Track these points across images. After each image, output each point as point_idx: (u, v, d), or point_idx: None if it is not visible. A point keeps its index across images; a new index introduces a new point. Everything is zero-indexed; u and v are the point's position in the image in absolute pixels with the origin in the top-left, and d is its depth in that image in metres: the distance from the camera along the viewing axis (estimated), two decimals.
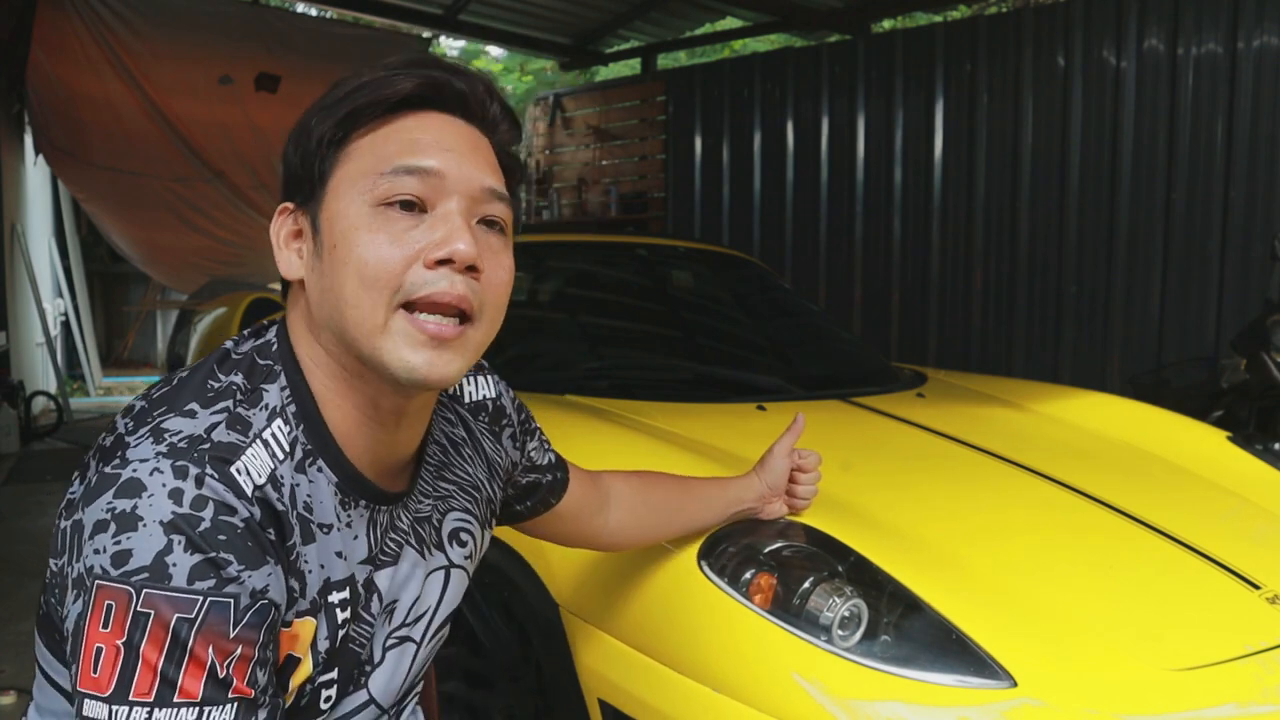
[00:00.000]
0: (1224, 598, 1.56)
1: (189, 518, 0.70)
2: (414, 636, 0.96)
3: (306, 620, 0.81)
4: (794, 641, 1.30)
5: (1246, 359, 3.92)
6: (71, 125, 6.26)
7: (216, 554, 0.70)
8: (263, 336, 0.86)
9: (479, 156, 0.83)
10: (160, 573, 0.68)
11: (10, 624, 2.98)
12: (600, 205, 7.19)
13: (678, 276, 3.12)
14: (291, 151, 0.84)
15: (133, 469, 0.71)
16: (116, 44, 6.25)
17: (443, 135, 0.82)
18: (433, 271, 0.78)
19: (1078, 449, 2.18)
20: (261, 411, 0.79)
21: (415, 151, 0.80)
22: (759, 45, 9.08)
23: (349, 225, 0.78)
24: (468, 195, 0.80)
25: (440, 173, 0.79)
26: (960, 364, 5.36)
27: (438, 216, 0.79)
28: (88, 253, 8.79)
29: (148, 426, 0.75)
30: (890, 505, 1.67)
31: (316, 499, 0.82)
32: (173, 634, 0.68)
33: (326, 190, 0.81)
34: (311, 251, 0.82)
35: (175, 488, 0.70)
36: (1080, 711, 1.26)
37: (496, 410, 1.07)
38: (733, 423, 2.06)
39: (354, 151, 0.81)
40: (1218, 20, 4.63)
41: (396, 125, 0.81)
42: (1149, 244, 4.88)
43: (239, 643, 0.71)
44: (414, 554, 0.94)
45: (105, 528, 0.69)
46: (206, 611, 0.69)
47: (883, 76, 5.66)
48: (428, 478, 0.96)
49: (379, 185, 0.78)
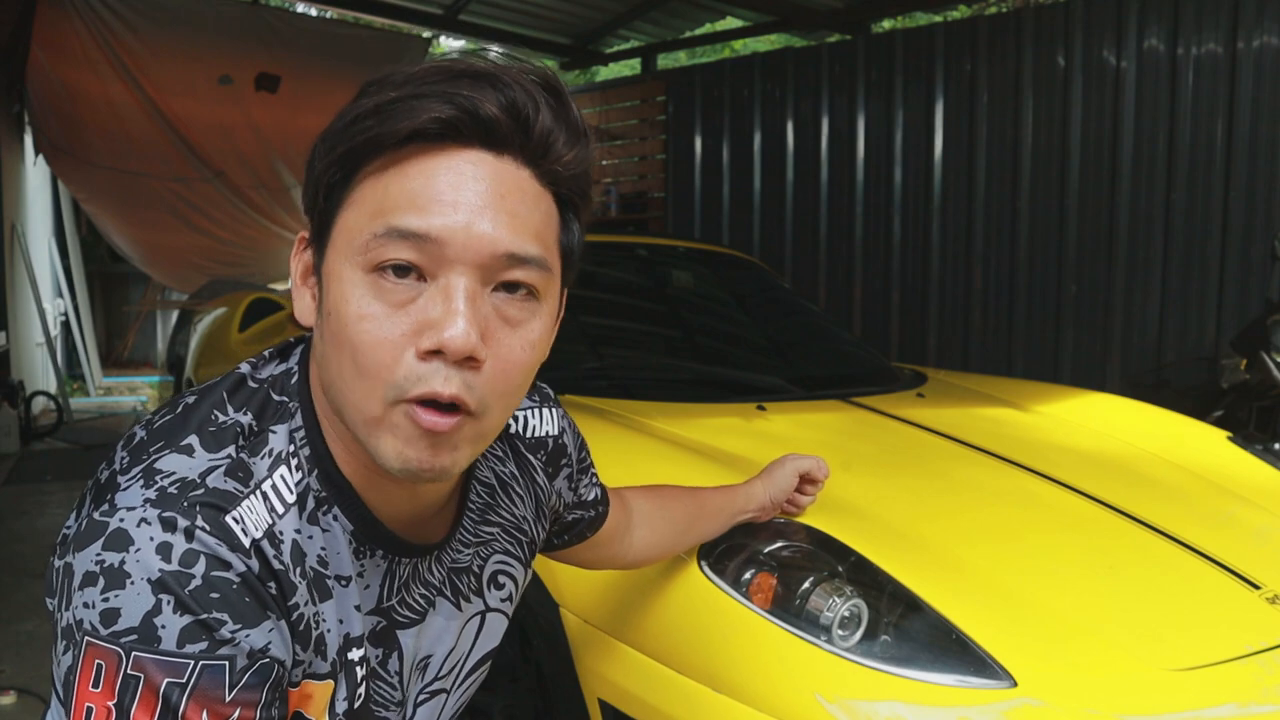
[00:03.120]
0: (1224, 598, 1.56)
1: (178, 575, 0.65)
2: (445, 687, 0.91)
3: (326, 684, 0.76)
4: (794, 641, 1.30)
5: (1246, 359, 3.93)
6: (71, 125, 6.26)
7: (209, 615, 0.65)
8: (285, 362, 0.78)
9: (501, 209, 0.68)
10: (149, 635, 0.64)
11: (10, 624, 2.98)
12: (600, 205, 7.19)
13: (678, 276, 3.12)
14: (305, 174, 0.73)
15: (120, 518, 0.66)
16: (116, 44, 6.25)
17: (453, 184, 0.67)
18: (425, 365, 0.67)
19: (1078, 449, 2.18)
20: (263, 460, 0.73)
21: (413, 209, 0.67)
22: (759, 45, 9.08)
23: (343, 294, 0.68)
24: (475, 265, 0.67)
25: (440, 240, 0.66)
26: (960, 364, 5.36)
27: (438, 289, 0.67)
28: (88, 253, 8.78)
29: (141, 466, 0.70)
30: (890, 505, 1.67)
31: (332, 550, 0.75)
32: (163, 699, 0.64)
33: (330, 238, 0.71)
34: (319, 300, 0.73)
35: (164, 541, 0.65)
36: (1080, 711, 1.26)
37: (557, 449, 0.99)
38: (733, 423, 2.06)
39: (357, 196, 0.69)
40: (1218, 20, 4.63)
41: (403, 168, 0.68)
42: (1149, 244, 4.88)
43: (236, 705, 0.66)
44: (448, 606, 0.87)
45: (94, 581, 0.65)
46: (198, 676, 0.65)
47: (883, 76, 5.66)
48: (469, 525, 0.88)
49: (371, 249, 0.67)
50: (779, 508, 1.45)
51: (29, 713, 2.44)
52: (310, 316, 0.75)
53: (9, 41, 6.13)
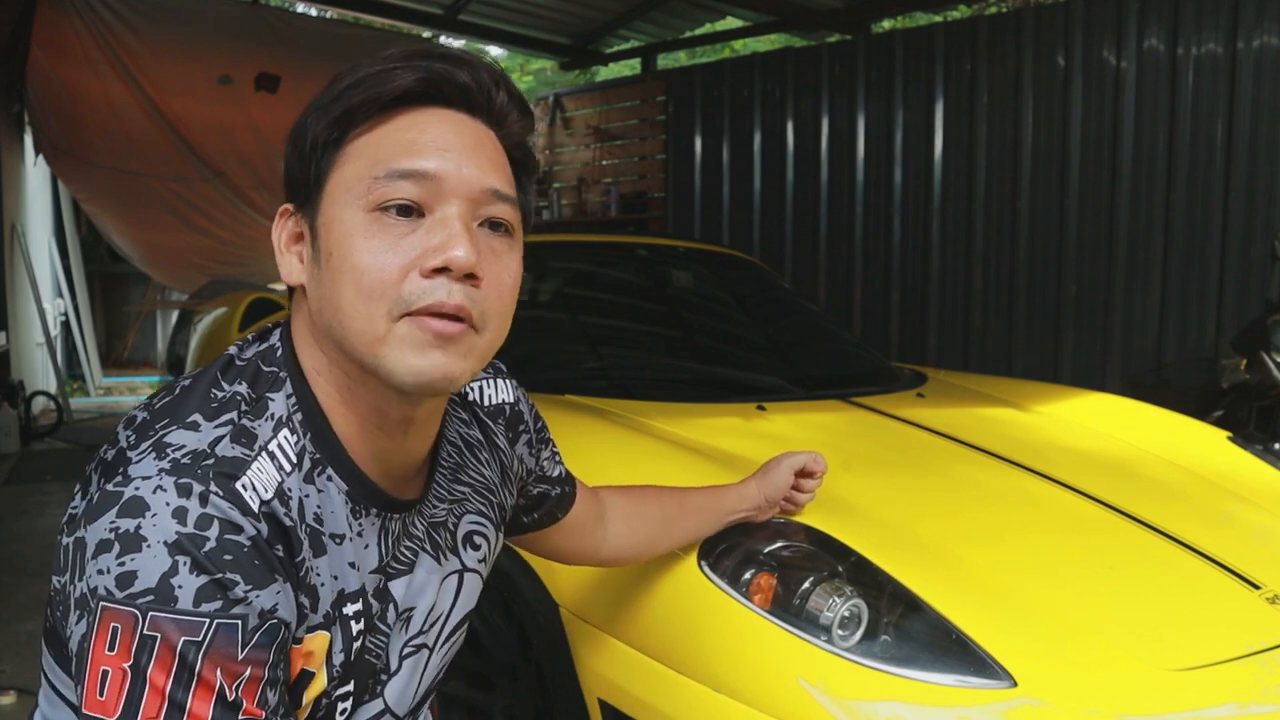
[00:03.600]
0: (1224, 598, 1.56)
1: (194, 538, 0.68)
2: (428, 643, 0.94)
3: (320, 634, 0.80)
4: (794, 641, 1.30)
5: (1246, 359, 3.93)
6: (71, 125, 6.26)
7: (223, 575, 0.68)
8: (267, 341, 0.83)
9: (482, 155, 0.79)
10: (166, 595, 0.67)
11: (10, 624, 2.98)
12: (600, 205, 7.19)
13: (678, 276, 3.12)
14: (290, 152, 0.81)
15: (135, 487, 0.69)
16: (116, 44, 6.26)
17: (442, 134, 0.78)
18: (429, 281, 0.74)
19: (1078, 449, 2.18)
20: (267, 422, 0.77)
21: (411, 153, 0.76)
22: (759, 45, 9.08)
23: (345, 232, 0.76)
24: (467, 198, 0.77)
25: (437, 176, 0.76)
26: (960, 364, 5.36)
27: (436, 221, 0.76)
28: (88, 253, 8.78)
29: (150, 440, 0.73)
30: (890, 505, 1.67)
31: (327, 509, 0.80)
32: (180, 657, 0.67)
33: (323, 194, 0.78)
34: (310, 257, 0.80)
35: (180, 506, 0.69)
36: (1080, 711, 1.26)
37: (514, 415, 1.05)
38: (733, 423, 2.06)
39: (350, 153, 0.78)
40: (1218, 20, 4.63)
41: (393, 124, 0.78)
42: (1149, 244, 4.88)
43: (248, 664, 0.69)
44: (430, 560, 0.92)
45: (109, 548, 0.67)
46: (214, 634, 0.68)
47: (883, 76, 5.66)
48: (443, 482, 0.93)
49: (374, 190, 0.75)
50: (776, 506, 1.44)
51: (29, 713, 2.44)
52: (298, 275, 0.81)
53: (9, 41, 6.13)
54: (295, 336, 0.83)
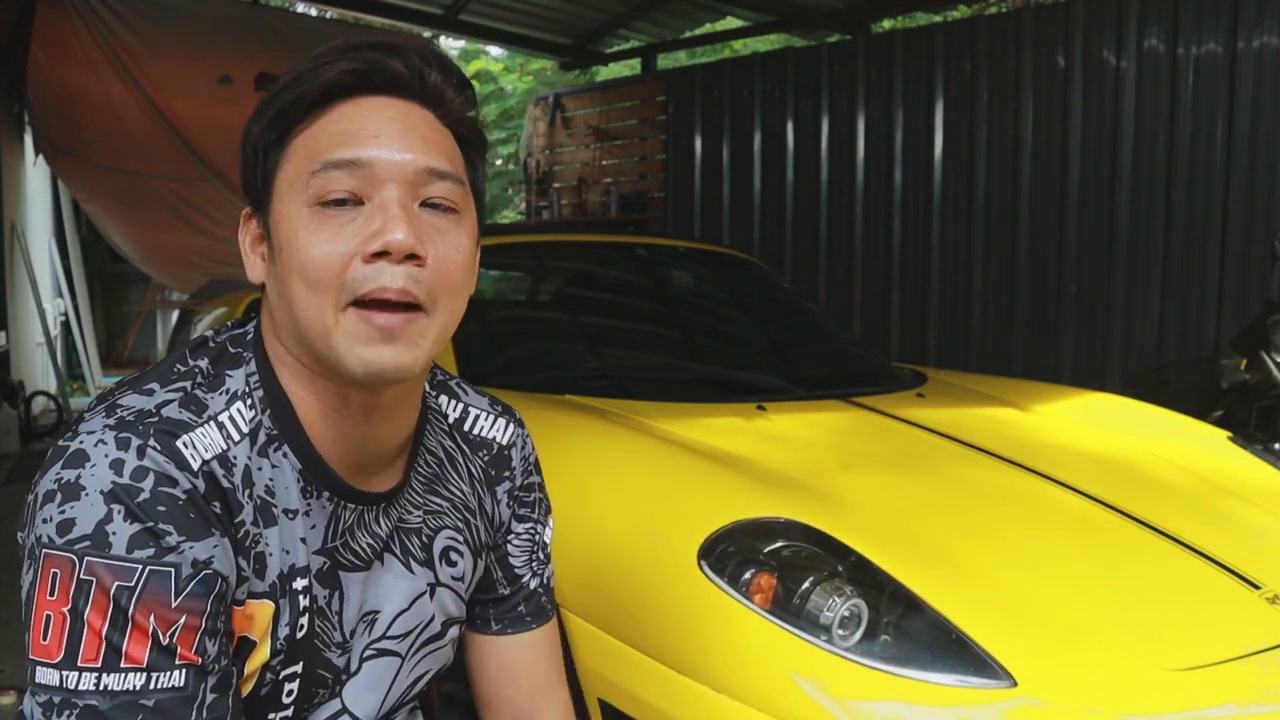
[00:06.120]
0: (1224, 598, 1.56)
1: (128, 488, 0.71)
2: (398, 651, 0.93)
3: (264, 603, 0.81)
4: (794, 641, 1.30)
5: (1246, 359, 3.93)
6: (71, 125, 6.26)
7: (155, 524, 0.71)
8: (243, 326, 0.87)
9: (415, 136, 0.79)
10: (101, 541, 0.70)
11: (11, 624, 2.98)
12: (600, 205, 7.19)
13: (678, 276, 3.12)
14: (240, 158, 0.83)
15: (79, 441, 0.73)
16: (116, 44, 6.25)
17: (372, 121, 0.78)
18: (370, 266, 0.75)
19: (1078, 449, 2.18)
20: (221, 396, 0.79)
21: (343, 144, 0.77)
22: (759, 45, 9.07)
23: (290, 228, 0.77)
24: (403, 181, 0.77)
25: (370, 163, 0.76)
26: (960, 364, 5.36)
27: (374, 207, 0.76)
28: (88, 253, 8.78)
29: (105, 404, 0.77)
30: (890, 505, 1.67)
31: (280, 483, 0.81)
32: (114, 601, 0.69)
33: (272, 194, 0.80)
34: (267, 256, 0.82)
35: (117, 458, 0.72)
36: (1080, 711, 1.26)
37: (500, 457, 1.00)
38: (733, 423, 2.06)
39: (290, 152, 0.79)
40: (1218, 20, 4.63)
41: (327, 118, 0.79)
42: (1149, 244, 4.88)
43: (182, 612, 0.71)
44: (398, 565, 0.91)
45: (53, 498, 0.71)
46: (146, 580, 0.70)
47: (883, 76, 5.66)
48: (418, 488, 0.92)
49: (312, 184, 0.77)
50: None
51: None
52: (261, 274, 0.83)
53: (9, 41, 6.13)
54: (264, 328, 0.85)
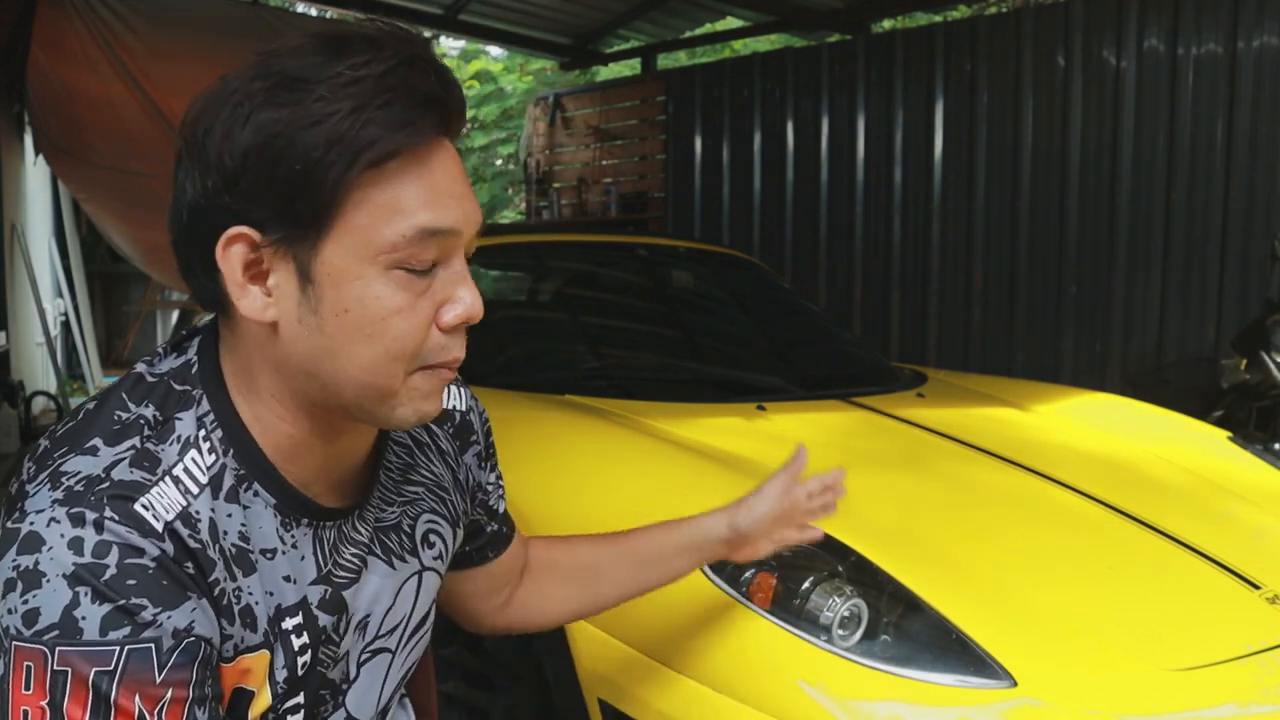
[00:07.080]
0: (1224, 598, 1.56)
1: (92, 566, 0.66)
2: (389, 646, 0.93)
3: (260, 654, 0.78)
4: (794, 641, 1.30)
5: (1246, 359, 3.93)
6: (71, 125, 6.25)
7: (127, 600, 0.67)
8: (183, 355, 0.79)
9: (469, 187, 0.76)
10: (70, 628, 0.65)
11: None
12: (600, 205, 7.18)
13: (678, 276, 3.12)
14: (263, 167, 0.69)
15: (30, 522, 0.68)
16: (116, 44, 6.25)
17: (448, 175, 0.73)
18: (448, 336, 0.75)
19: (1077, 449, 2.18)
20: (172, 446, 0.74)
21: (428, 206, 0.71)
22: (759, 45, 9.07)
23: (367, 293, 0.71)
24: (469, 241, 0.76)
25: (457, 231, 0.73)
26: (960, 364, 5.35)
27: (450, 273, 0.74)
28: (88, 253, 8.77)
29: (47, 471, 0.71)
30: (890, 505, 1.67)
31: (254, 525, 0.77)
32: (93, 689, 0.66)
33: (326, 236, 0.70)
34: (296, 300, 0.72)
35: (74, 537, 0.67)
36: (1080, 711, 1.26)
37: (463, 424, 1.01)
38: (733, 423, 2.06)
39: (364, 194, 0.70)
40: (1218, 20, 4.63)
41: (405, 157, 0.71)
42: (1149, 244, 4.87)
43: (168, 686, 0.68)
44: (382, 565, 0.89)
45: (14, 586, 0.66)
46: (125, 661, 0.66)
47: (883, 76, 5.66)
48: (390, 484, 0.91)
49: (399, 249, 0.71)
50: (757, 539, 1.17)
51: None
52: (266, 312, 0.73)
53: (9, 41, 6.13)
54: (226, 356, 0.78)
